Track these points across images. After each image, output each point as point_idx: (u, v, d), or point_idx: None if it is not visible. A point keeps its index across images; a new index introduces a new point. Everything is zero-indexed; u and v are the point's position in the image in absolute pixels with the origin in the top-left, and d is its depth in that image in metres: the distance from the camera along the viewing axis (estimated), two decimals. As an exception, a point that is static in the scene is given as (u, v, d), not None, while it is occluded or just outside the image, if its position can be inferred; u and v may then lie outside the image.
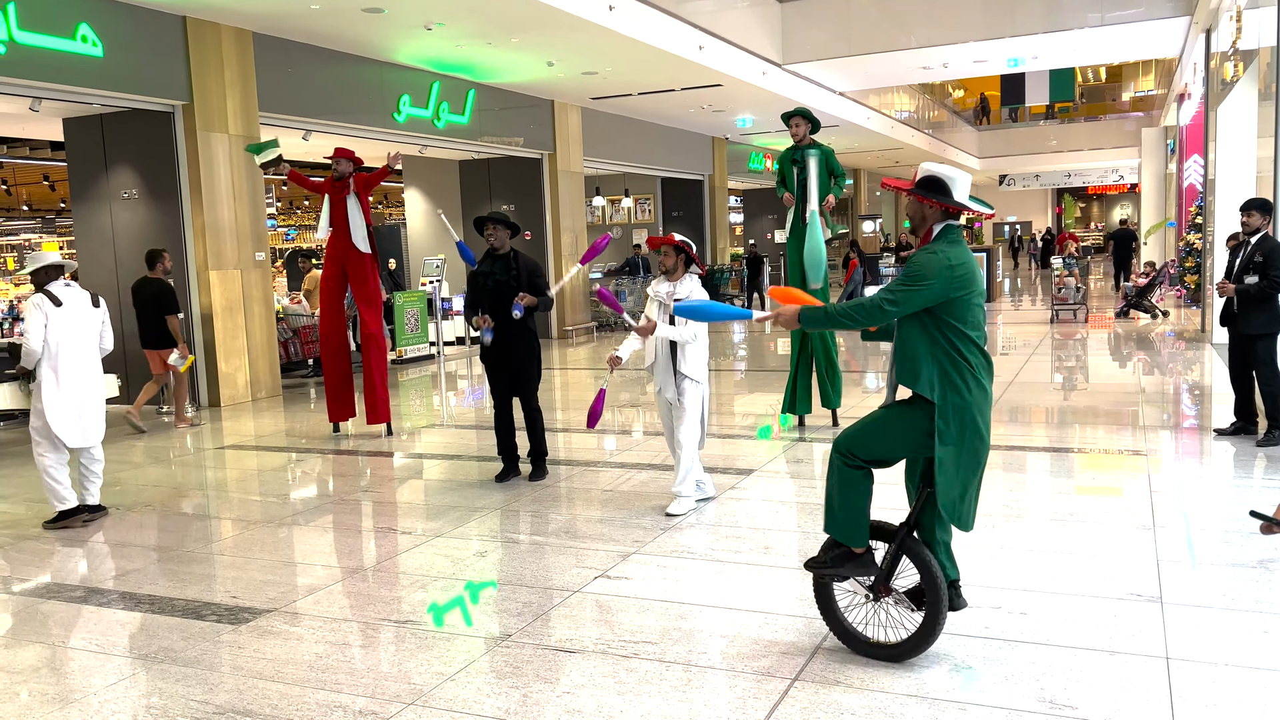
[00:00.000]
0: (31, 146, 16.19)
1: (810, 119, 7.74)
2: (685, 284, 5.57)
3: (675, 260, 5.58)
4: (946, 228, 3.48)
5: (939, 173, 3.49)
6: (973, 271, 3.39)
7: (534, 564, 4.85)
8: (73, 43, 9.06)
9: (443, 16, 10.78)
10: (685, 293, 5.53)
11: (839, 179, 7.83)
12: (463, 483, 6.68)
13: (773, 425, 8.29)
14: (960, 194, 3.46)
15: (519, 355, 6.58)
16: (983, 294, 3.46)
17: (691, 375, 5.56)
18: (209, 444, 8.76)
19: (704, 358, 5.61)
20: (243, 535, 5.67)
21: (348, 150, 8.45)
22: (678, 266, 5.59)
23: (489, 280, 6.57)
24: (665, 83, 15.47)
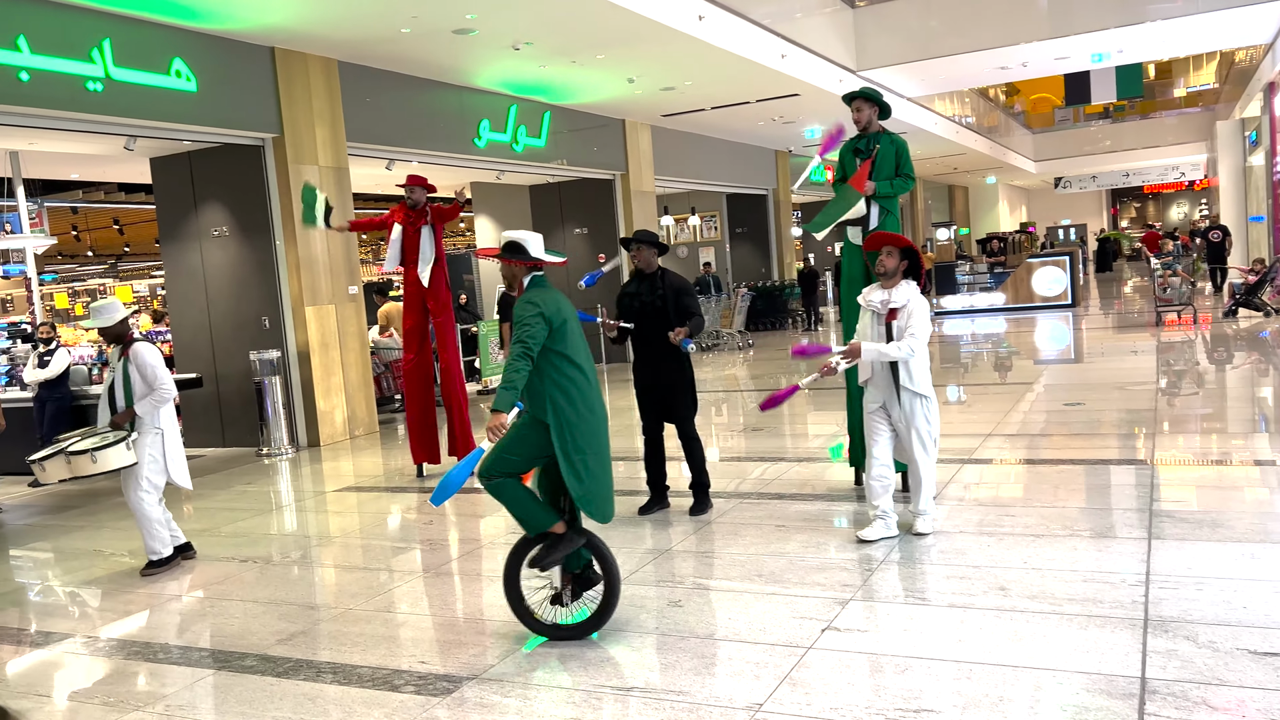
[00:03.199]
0: (105, 190, 16.12)
1: (878, 101, 6.28)
2: (902, 290, 5.14)
3: (897, 264, 5.16)
4: (533, 279, 4.27)
5: (517, 237, 4.28)
6: (559, 307, 4.18)
7: (741, 615, 4.36)
8: (167, 78, 8.82)
9: (532, 35, 10.45)
10: (903, 300, 5.11)
11: (906, 180, 6.23)
12: (614, 524, 6.20)
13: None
14: (535, 251, 4.26)
15: (667, 378, 6.16)
16: (577, 324, 4.29)
17: (918, 390, 5.17)
18: (317, 486, 8.40)
19: (927, 369, 5.21)
20: (399, 588, 5.25)
21: (421, 178, 7.93)
22: (897, 271, 5.16)
23: (635, 301, 6.20)
24: (742, 94, 15.08)
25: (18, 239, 11.34)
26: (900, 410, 5.22)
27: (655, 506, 6.39)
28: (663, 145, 17.35)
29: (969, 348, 15.65)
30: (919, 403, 5.19)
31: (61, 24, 7.95)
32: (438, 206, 8.00)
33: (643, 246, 6.16)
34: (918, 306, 5.09)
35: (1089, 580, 4.42)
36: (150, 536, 5.86)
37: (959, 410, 9.77)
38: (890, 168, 6.29)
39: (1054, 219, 46.27)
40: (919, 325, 5.04)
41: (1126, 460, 6.86)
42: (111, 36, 8.28)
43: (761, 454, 8.02)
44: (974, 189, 40.27)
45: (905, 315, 5.09)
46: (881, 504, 5.31)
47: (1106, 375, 11.27)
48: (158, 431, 5.84)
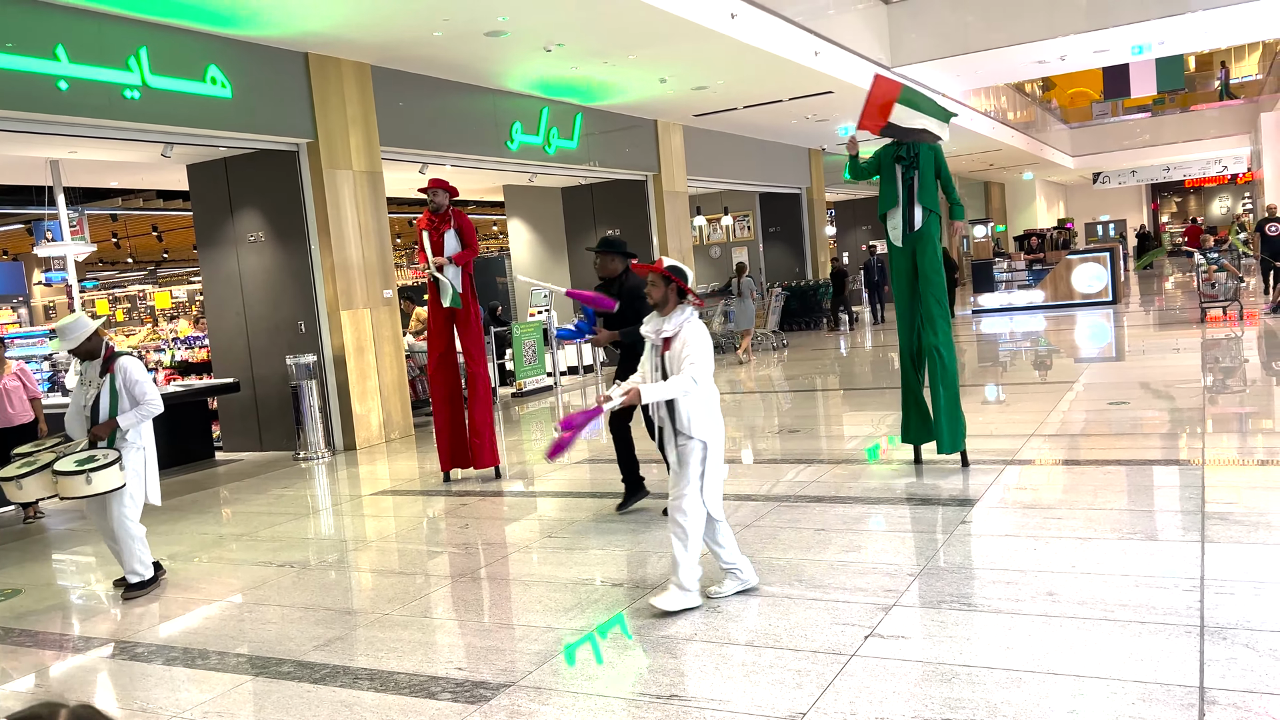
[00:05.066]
0: (144, 198, 16.33)
1: None
2: (675, 319, 4.51)
3: (664, 291, 4.54)
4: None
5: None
6: None
7: (781, 621, 4.28)
8: (203, 85, 8.90)
9: (564, 36, 10.42)
10: (674, 329, 4.49)
11: (950, 191, 6.73)
12: (644, 522, 6.15)
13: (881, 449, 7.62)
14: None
15: None
16: None
17: (691, 433, 4.45)
18: (353, 490, 8.42)
19: (708, 407, 4.49)
20: (435, 593, 5.22)
21: (442, 181, 7.91)
22: (668, 299, 4.55)
23: None
24: (775, 93, 14.96)
25: (59, 246, 11.51)
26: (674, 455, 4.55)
27: (633, 499, 6.53)
28: (695, 145, 17.27)
29: (1008, 346, 15.41)
30: (693, 448, 4.46)
31: (99, 33, 8.03)
32: (460, 212, 7.96)
33: (601, 255, 6.26)
34: (692, 334, 4.45)
35: (1141, 585, 4.29)
36: (132, 557, 5.65)
37: (998, 410, 9.60)
38: (931, 173, 6.61)
39: (1092, 215, 45.55)
40: (696, 353, 4.39)
41: (1173, 460, 6.70)
42: (148, 45, 8.36)
43: (798, 456, 7.92)
44: (1010, 185, 39.75)
45: (679, 344, 4.46)
46: (725, 560, 4.64)
47: (1150, 373, 11.04)
48: (141, 449, 5.68)
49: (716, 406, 4.56)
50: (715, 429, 4.51)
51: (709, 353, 4.46)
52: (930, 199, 6.64)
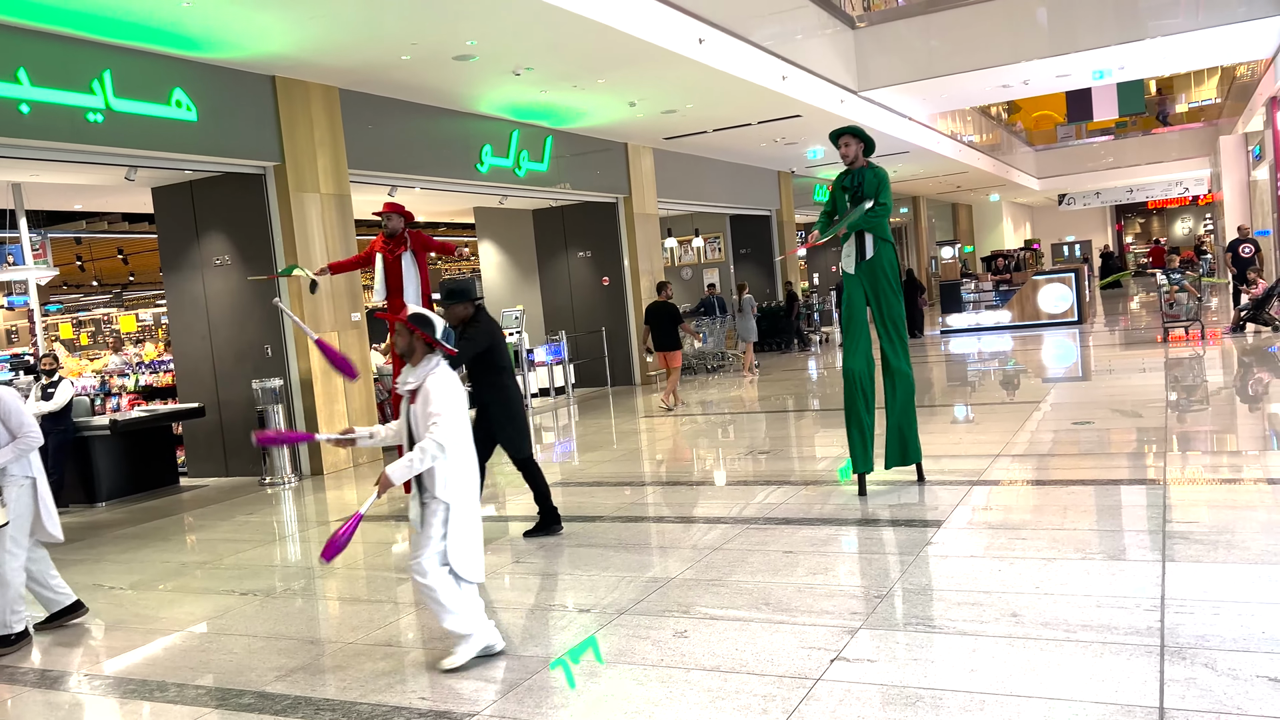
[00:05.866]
0: (109, 220, 16.16)
1: (863, 138, 6.68)
2: (420, 371, 4.27)
3: (408, 341, 4.29)
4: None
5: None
6: None
7: (749, 646, 4.27)
8: (168, 108, 8.84)
9: (533, 60, 10.46)
10: (418, 381, 4.24)
11: (882, 208, 6.62)
12: (614, 547, 6.13)
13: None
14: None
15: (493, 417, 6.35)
16: None
17: (435, 492, 4.23)
18: (320, 516, 8.33)
19: (459, 468, 4.27)
20: (401, 620, 5.17)
21: (398, 205, 7.93)
22: (413, 349, 4.30)
23: None
24: (744, 116, 15.08)
25: (20, 270, 11.35)
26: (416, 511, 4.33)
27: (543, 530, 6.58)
28: (665, 168, 17.36)
29: (975, 366, 15.56)
30: (435, 509, 4.24)
31: (62, 56, 7.97)
32: (417, 233, 7.94)
33: (449, 306, 6.20)
34: (435, 386, 4.19)
35: (1103, 605, 4.32)
36: (38, 599, 5.40)
37: (966, 430, 9.68)
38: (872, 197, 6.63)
39: (1058, 236, 46.19)
40: (438, 409, 4.13)
41: (1137, 480, 6.77)
42: (112, 68, 8.30)
43: (768, 477, 7.94)
44: (978, 207, 40.25)
45: (421, 398, 4.21)
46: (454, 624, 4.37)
47: (1115, 393, 11.18)
48: (27, 481, 5.33)
49: (468, 464, 4.32)
50: (462, 489, 4.27)
51: (454, 406, 4.19)
52: (881, 227, 6.66)
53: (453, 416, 4.18)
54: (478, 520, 4.39)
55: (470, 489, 4.34)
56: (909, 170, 24.39)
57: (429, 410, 4.16)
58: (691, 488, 8.09)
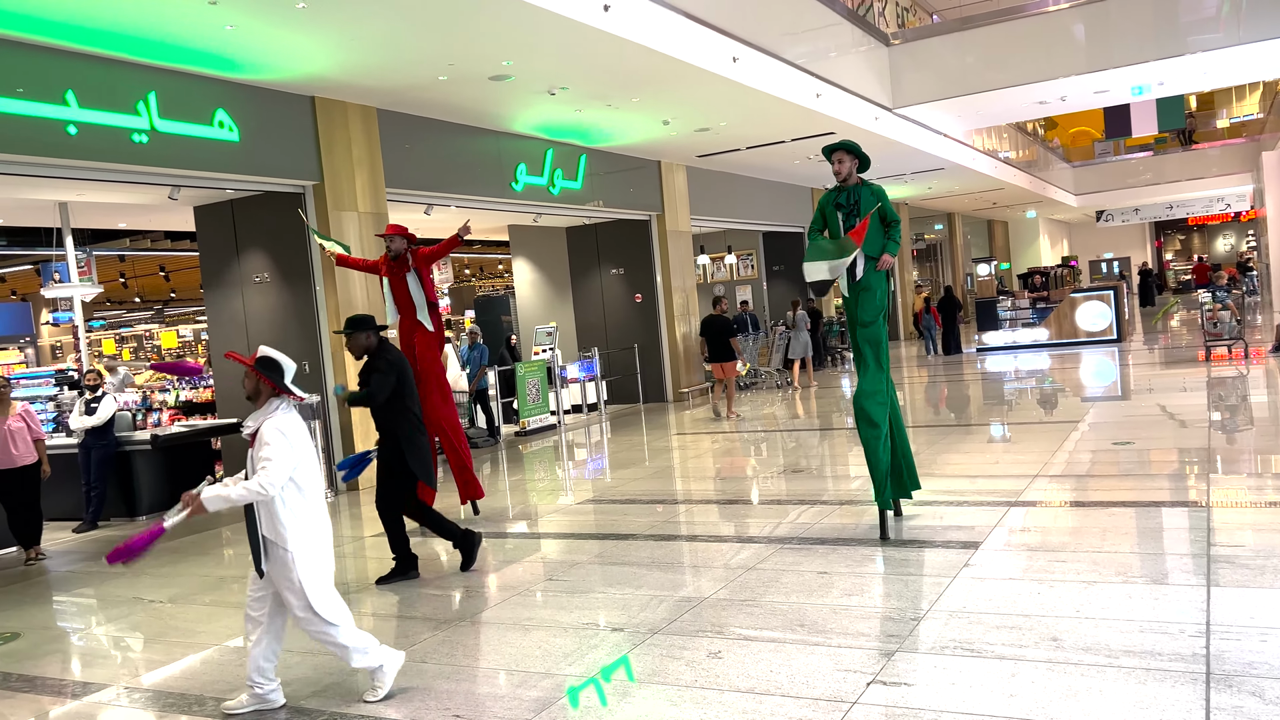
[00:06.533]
0: (152, 238, 16.47)
1: (858, 154, 6.40)
2: (260, 415, 4.22)
3: (255, 384, 4.27)
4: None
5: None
6: None
7: (783, 667, 4.24)
8: (211, 128, 9.00)
9: (568, 80, 10.55)
10: (255, 425, 4.20)
11: (893, 227, 6.36)
12: (647, 565, 6.12)
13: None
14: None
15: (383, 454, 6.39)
16: None
17: (275, 540, 4.15)
18: (356, 531, 8.39)
19: (294, 510, 4.18)
20: (435, 636, 5.18)
21: (400, 226, 7.94)
22: (259, 391, 4.26)
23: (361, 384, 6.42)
24: (777, 134, 15.09)
25: (66, 288, 11.59)
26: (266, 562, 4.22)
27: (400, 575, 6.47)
28: (698, 185, 17.40)
29: (1012, 384, 15.38)
30: (280, 557, 4.16)
31: (108, 78, 8.15)
32: (418, 250, 7.92)
33: (351, 335, 6.28)
34: (271, 431, 4.12)
35: (1146, 630, 4.24)
36: None
37: (1003, 449, 9.57)
38: (875, 219, 6.30)
39: (1096, 252, 45.68)
40: (273, 454, 4.07)
41: (1180, 502, 6.65)
42: (157, 89, 8.48)
43: (801, 497, 7.89)
44: (1014, 223, 39.90)
45: (259, 443, 4.15)
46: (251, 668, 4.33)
47: (1156, 412, 11.00)
48: None
49: (312, 509, 4.25)
50: (306, 538, 4.19)
51: (288, 452, 4.12)
52: (872, 247, 6.32)
53: (290, 461, 4.13)
54: (327, 563, 4.30)
55: (316, 533, 4.26)
56: (944, 186, 24.25)
57: (261, 455, 4.11)
58: (724, 506, 8.06)
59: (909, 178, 22.10)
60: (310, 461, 4.26)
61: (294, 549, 4.15)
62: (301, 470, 4.20)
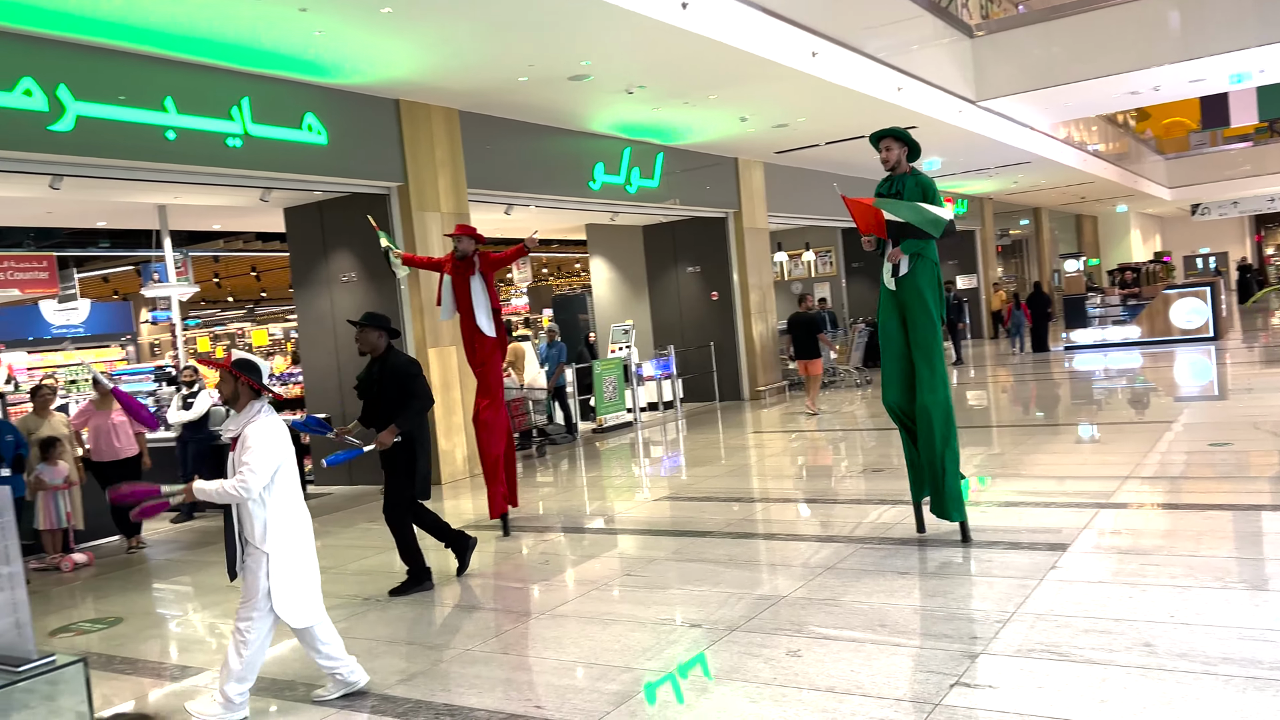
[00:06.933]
0: (244, 240, 17.05)
1: (907, 141, 6.06)
2: (242, 418, 4.27)
3: (233, 387, 4.31)
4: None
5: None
6: None
7: (864, 667, 4.20)
8: (300, 132, 9.28)
9: (646, 79, 10.59)
10: (238, 428, 4.25)
11: None
12: (723, 560, 6.12)
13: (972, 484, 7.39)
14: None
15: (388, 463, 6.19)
16: None
17: (255, 542, 4.21)
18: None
19: (281, 517, 4.25)
20: (515, 630, 5.27)
21: (469, 227, 7.86)
22: (238, 395, 4.30)
23: (362, 386, 6.31)
24: (857, 128, 14.85)
25: (165, 287, 12.07)
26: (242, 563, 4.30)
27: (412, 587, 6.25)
28: (776, 182, 17.28)
29: (1101, 384, 14.93)
30: (258, 559, 4.22)
31: (204, 85, 8.46)
32: (486, 254, 7.85)
33: (364, 329, 6.18)
34: (254, 434, 4.17)
35: (1245, 638, 4.09)
36: None
37: (1092, 450, 9.31)
38: None
39: (1191, 247, 43.98)
40: (254, 457, 4.12)
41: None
42: (250, 95, 8.77)
43: (882, 496, 7.79)
44: (1104, 218, 38.66)
45: (240, 445, 4.21)
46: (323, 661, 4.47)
47: (1255, 413, 10.56)
48: None
49: (293, 513, 4.30)
50: (284, 539, 4.25)
51: (270, 455, 4.17)
52: (913, 242, 5.93)
53: (271, 465, 4.18)
54: (306, 565, 4.35)
55: (295, 535, 4.31)
56: (1029, 181, 23.64)
57: (243, 459, 4.16)
58: (803, 505, 8.01)
59: (993, 172, 21.61)
60: (291, 464, 4.31)
61: (270, 550, 4.20)
62: (282, 473, 4.25)
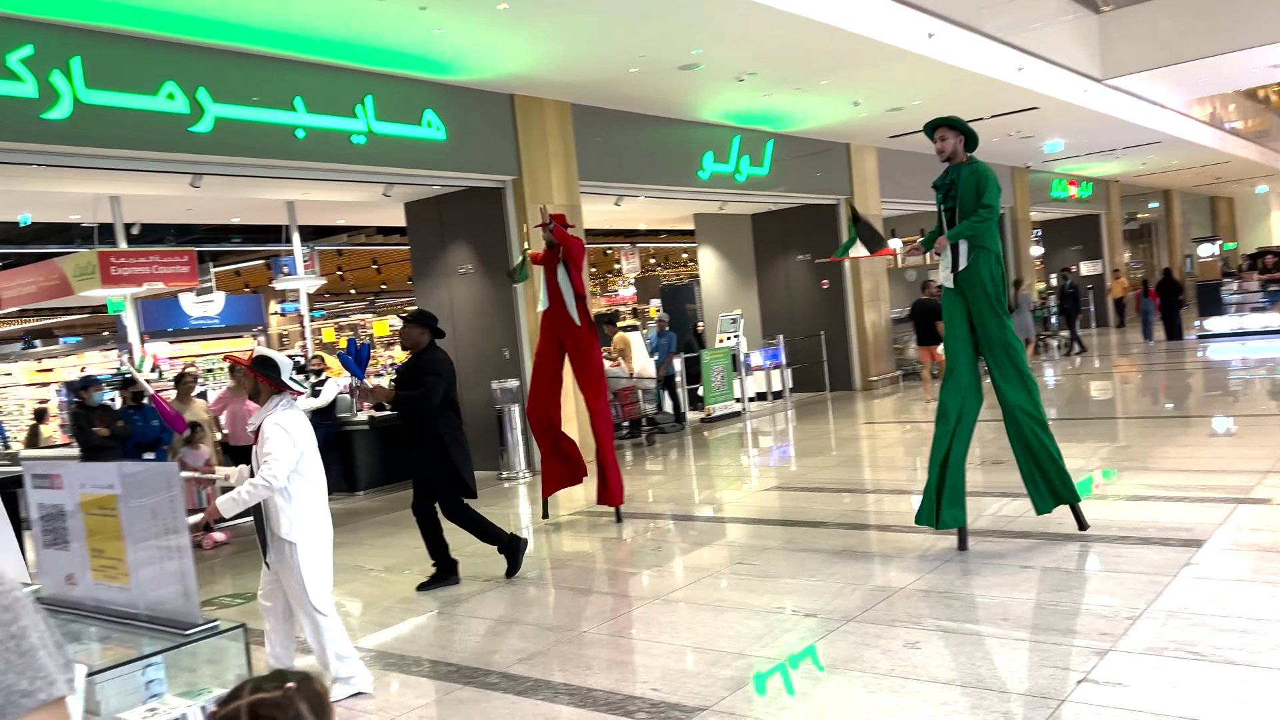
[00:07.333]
0: (366, 234, 17.67)
1: (964, 130, 5.82)
2: (263, 413, 4.34)
3: (252, 383, 4.42)
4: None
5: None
6: None
7: (984, 661, 4.12)
8: (420, 128, 9.56)
9: (757, 66, 10.52)
10: (258, 423, 4.34)
11: (987, 211, 5.68)
12: (837, 550, 6.06)
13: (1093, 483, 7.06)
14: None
15: (420, 462, 6.16)
16: None
17: (283, 535, 4.28)
18: (552, 510, 8.73)
19: (304, 508, 4.32)
20: (629, 614, 5.35)
21: (559, 215, 7.83)
22: (258, 390, 4.41)
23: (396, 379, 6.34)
24: (976, 111, 14.45)
25: (293, 280, 12.62)
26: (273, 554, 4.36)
27: (440, 581, 6.23)
28: (889, 167, 16.93)
29: (1239, 374, 14.15)
30: (287, 550, 4.29)
31: (331, 85, 8.80)
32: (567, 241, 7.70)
33: (407, 325, 6.18)
34: (273, 428, 4.25)
35: (1403, 643, 3.85)
36: None
37: (1229, 444, 8.85)
38: (973, 202, 5.75)
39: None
40: (275, 449, 4.19)
41: None
42: (373, 93, 9.09)
43: (1002, 489, 7.58)
44: (1241, 200, 36.53)
45: (261, 439, 4.28)
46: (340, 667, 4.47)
47: None
48: None
49: (314, 503, 4.36)
50: (309, 530, 4.31)
51: (290, 444, 4.23)
52: (981, 233, 5.72)
53: (293, 453, 4.24)
54: (327, 556, 4.43)
55: (318, 526, 4.39)
56: (1159, 161, 22.54)
57: (264, 451, 4.23)
58: (917, 496, 7.85)
59: (1120, 153, 20.68)
60: (313, 455, 4.42)
61: (297, 540, 4.30)
62: (304, 464, 4.34)
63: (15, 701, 0.85)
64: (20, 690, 0.85)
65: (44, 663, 0.88)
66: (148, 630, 1.88)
